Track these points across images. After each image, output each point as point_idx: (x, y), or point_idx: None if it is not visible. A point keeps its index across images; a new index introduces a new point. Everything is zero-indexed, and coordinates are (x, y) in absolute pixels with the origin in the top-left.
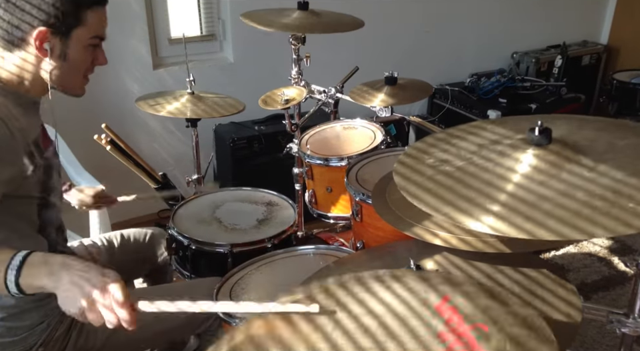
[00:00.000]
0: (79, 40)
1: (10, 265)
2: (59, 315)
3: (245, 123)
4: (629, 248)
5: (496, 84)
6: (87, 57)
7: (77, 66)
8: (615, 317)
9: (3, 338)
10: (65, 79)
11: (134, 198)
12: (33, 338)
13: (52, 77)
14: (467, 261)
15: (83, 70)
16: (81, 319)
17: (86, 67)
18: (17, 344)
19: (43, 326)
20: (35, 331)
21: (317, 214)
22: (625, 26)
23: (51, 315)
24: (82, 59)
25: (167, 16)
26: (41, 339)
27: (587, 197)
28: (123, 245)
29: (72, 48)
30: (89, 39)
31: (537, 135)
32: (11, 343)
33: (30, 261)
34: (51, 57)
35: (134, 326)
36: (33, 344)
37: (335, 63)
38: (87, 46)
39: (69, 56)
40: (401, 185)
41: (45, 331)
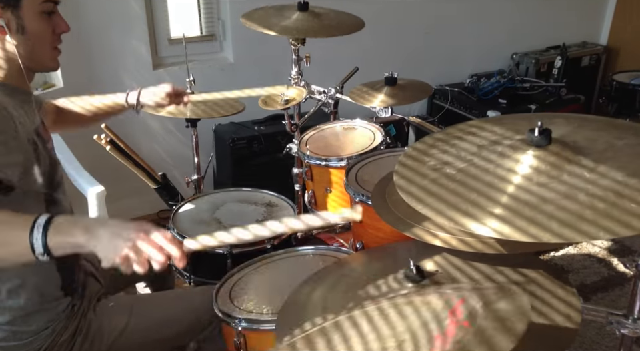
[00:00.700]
0: (31, 8)
1: (35, 224)
2: (64, 320)
3: (245, 124)
4: (628, 249)
5: (495, 85)
6: (44, 25)
7: (39, 37)
8: (614, 318)
9: (8, 342)
10: (33, 54)
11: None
12: (37, 343)
13: (21, 56)
14: (466, 262)
15: (47, 41)
16: (125, 268)
17: (49, 37)
18: (21, 348)
19: (48, 331)
20: (39, 336)
21: None
22: (625, 27)
23: (56, 320)
24: (40, 28)
25: (167, 16)
26: (45, 344)
27: (588, 198)
28: None
29: (27, 19)
30: (40, 4)
31: (537, 136)
32: (16, 347)
33: (56, 221)
34: (10, 34)
35: (184, 262)
36: (38, 349)
37: (335, 64)
38: (41, 13)
39: (26, 28)
40: (403, 188)
41: (50, 336)
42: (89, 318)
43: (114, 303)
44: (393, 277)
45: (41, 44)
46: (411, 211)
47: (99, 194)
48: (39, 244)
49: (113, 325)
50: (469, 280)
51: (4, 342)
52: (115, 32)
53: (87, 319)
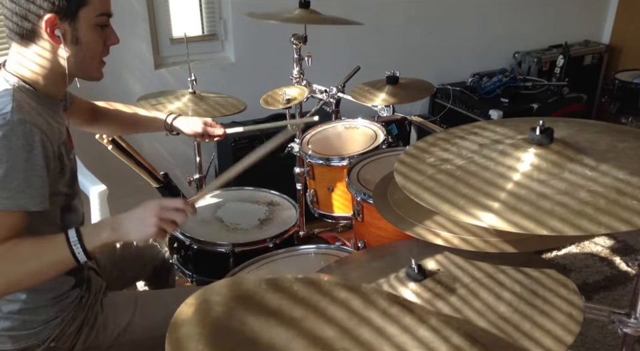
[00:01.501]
0: (87, 20)
1: (70, 241)
2: (73, 311)
3: (247, 123)
4: (630, 248)
5: (498, 84)
6: (97, 37)
7: (91, 49)
8: (616, 317)
9: (18, 331)
10: (82, 64)
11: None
12: (46, 332)
13: (70, 65)
14: (468, 261)
15: (98, 52)
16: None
17: (100, 48)
18: (30, 337)
19: (57, 321)
20: (49, 325)
21: (319, 214)
22: (627, 26)
23: (65, 311)
24: (94, 40)
25: (169, 16)
26: (54, 334)
27: (590, 195)
28: (124, 247)
29: (82, 30)
30: (96, 17)
31: (539, 135)
32: (26, 336)
33: (84, 232)
34: (64, 44)
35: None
36: (46, 338)
37: (337, 63)
38: (95, 26)
39: (81, 39)
40: (402, 183)
41: (59, 326)
42: (95, 311)
43: (120, 297)
44: (394, 276)
45: (92, 55)
46: (412, 210)
47: (101, 193)
48: (82, 255)
49: (117, 320)
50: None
51: (14, 331)
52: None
53: (94, 311)
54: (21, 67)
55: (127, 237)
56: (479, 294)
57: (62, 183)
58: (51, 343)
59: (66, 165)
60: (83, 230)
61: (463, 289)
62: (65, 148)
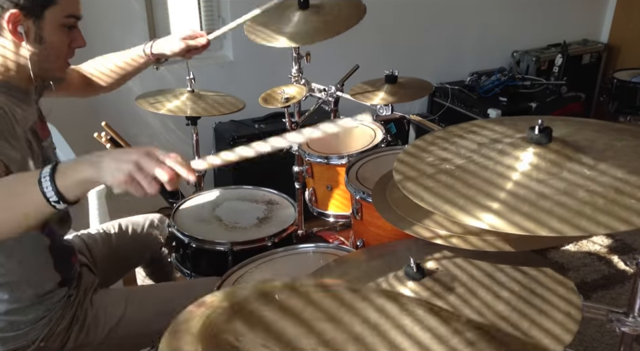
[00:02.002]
0: (53, 20)
1: (41, 175)
2: (60, 310)
3: (245, 121)
4: (628, 247)
5: (496, 83)
6: (63, 38)
7: (54, 48)
8: (614, 316)
9: (5, 333)
10: (45, 63)
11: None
12: (34, 333)
13: (32, 63)
14: (467, 260)
15: (62, 53)
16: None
17: (65, 50)
18: (19, 339)
19: (45, 321)
20: (36, 325)
21: (317, 212)
22: (626, 25)
23: (52, 310)
24: (59, 40)
25: (167, 14)
26: (42, 334)
27: (588, 195)
28: (120, 233)
29: (46, 30)
30: (63, 18)
31: (537, 134)
32: (13, 337)
33: (61, 167)
34: (27, 41)
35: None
36: (35, 339)
37: (335, 62)
38: (61, 26)
39: (44, 39)
40: (401, 183)
41: (47, 326)
42: (85, 308)
43: (110, 293)
44: (393, 275)
45: (55, 55)
46: (411, 209)
47: (98, 192)
48: (51, 192)
49: (108, 316)
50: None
51: (1, 333)
52: (116, 30)
53: (83, 309)
54: None
55: (99, 176)
56: (478, 293)
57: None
58: (40, 343)
59: (35, 151)
60: (61, 165)
61: (461, 288)
62: (32, 135)
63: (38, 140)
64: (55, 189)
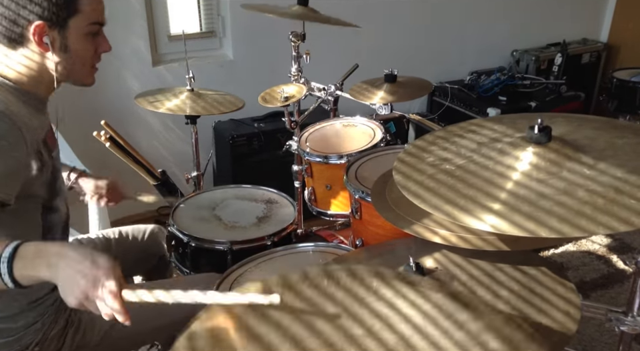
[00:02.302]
0: (77, 29)
1: (1, 257)
2: (53, 314)
3: (245, 121)
4: (627, 246)
5: (496, 82)
6: (88, 45)
7: (80, 56)
8: (613, 315)
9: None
10: (72, 71)
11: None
12: (28, 338)
13: (58, 71)
14: (466, 259)
15: (88, 60)
16: (83, 309)
17: (90, 56)
18: (11, 345)
19: (38, 326)
20: (29, 331)
21: (317, 212)
22: (625, 24)
23: (45, 314)
24: (84, 48)
25: (167, 12)
26: (36, 339)
27: (588, 195)
28: (120, 242)
29: (71, 39)
30: (87, 26)
31: (537, 133)
32: (5, 344)
33: (22, 253)
34: (52, 51)
35: (126, 319)
36: (29, 344)
37: (335, 61)
38: (86, 34)
39: (70, 47)
40: (401, 183)
41: (40, 330)
42: (79, 311)
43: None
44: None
45: (82, 62)
46: (410, 209)
47: None
48: (7, 278)
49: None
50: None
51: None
52: (115, 28)
53: (78, 312)
54: (6, 68)
55: (55, 281)
56: (477, 292)
57: (41, 181)
58: (34, 347)
59: (46, 163)
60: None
61: (460, 287)
62: (44, 146)
63: (48, 151)
64: (11, 277)
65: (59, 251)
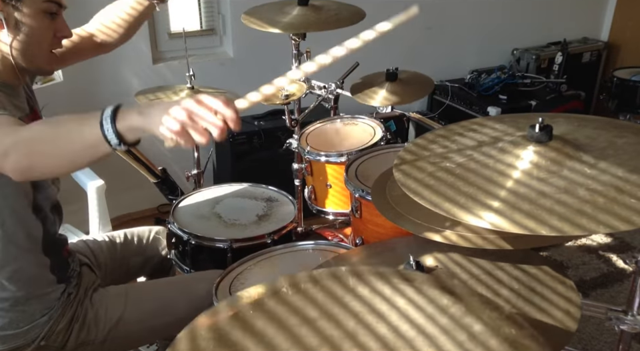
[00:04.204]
0: (32, 5)
1: (103, 117)
2: (60, 308)
3: (245, 119)
4: (627, 245)
5: (496, 81)
6: (44, 25)
7: (36, 36)
8: (613, 314)
9: (5, 331)
10: (28, 52)
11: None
12: (35, 331)
13: (14, 52)
14: (466, 258)
15: (45, 42)
16: (185, 142)
17: (48, 38)
18: (19, 337)
19: (45, 319)
20: (37, 324)
21: (317, 210)
22: (626, 23)
23: (52, 308)
24: (39, 27)
25: (167, 10)
26: (42, 333)
27: (588, 193)
28: (125, 244)
29: (26, 16)
30: (43, 3)
31: (538, 132)
32: (13, 336)
33: (120, 111)
34: (7, 28)
35: (239, 125)
36: (35, 338)
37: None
38: (43, 12)
39: (25, 24)
40: (401, 181)
41: (47, 324)
42: (85, 307)
43: (110, 292)
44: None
45: (38, 43)
46: (411, 207)
47: (98, 188)
48: (112, 134)
49: (109, 314)
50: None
51: (1, 331)
52: None
53: (84, 307)
54: None
55: (149, 126)
56: (477, 291)
57: None
58: (40, 341)
59: None
60: (121, 109)
61: (460, 285)
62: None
63: None
64: (116, 132)
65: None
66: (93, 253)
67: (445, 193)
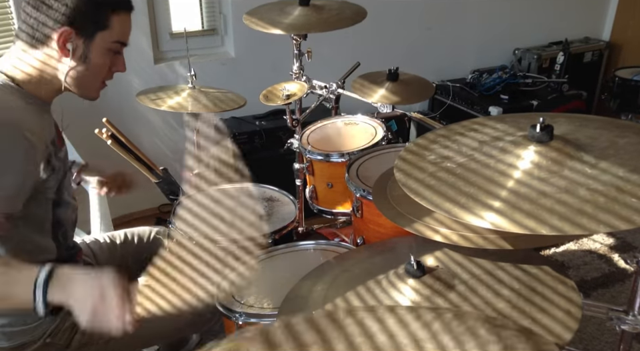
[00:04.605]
0: (102, 43)
1: (36, 285)
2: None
3: (246, 118)
4: (629, 245)
5: (497, 80)
6: (106, 61)
7: (95, 69)
8: (614, 314)
9: (12, 327)
10: (83, 81)
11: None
12: (41, 328)
13: (68, 78)
14: (467, 258)
15: (101, 74)
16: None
17: (105, 71)
18: (25, 334)
19: (52, 317)
20: (44, 321)
21: (318, 210)
22: (627, 23)
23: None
24: (102, 62)
25: (168, 10)
26: (49, 330)
27: (589, 193)
28: (125, 244)
29: (94, 51)
30: (111, 43)
31: (539, 132)
32: (20, 332)
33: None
34: (72, 58)
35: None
36: (42, 335)
37: (337, 59)
38: (108, 50)
39: (89, 59)
40: (402, 181)
41: (53, 321)
42: None
43: None
44: (393, 273)
45: (94, 75)
46: (411, 207)
47: None
48: (41, 305)
49: None
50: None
51: (8, 328)
52: None
53: None
54: (15, 69)
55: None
56: (478, 291)
57: (51, 179)
58: (46, 339)
59: (55, 164)
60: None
61: (461, 285)
62: (54, 146)
63: (57, 150)
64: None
65: (68, 276)
66: (94, 253)
67: (446, 193)
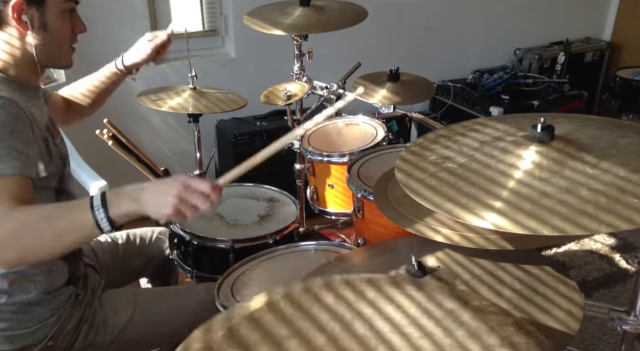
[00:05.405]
0: (55, 6)
1: (94, 206)
2: (69, 309)
3: (247, 119)
4: (630, 245)
5: (498, 81)
6: (66, 24)
7: (59, 35)
8: (616, 314)
9: (14, 331)
10: (52, 51)
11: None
12: (43, 331)
13: (38, 53)
14: (468, 258)
15: (66, 39)
16: (178, 219)
17: (68, 35)
18: (27, 337)
19: (53, 319)
20: (45, 324)
21: (319, 210)
22: (629, 23)
23: (60, 309)
24: (62, 27)
25: (169, 11)
26: (51, 333)
27: (590, 193)
28: (128, 245)
29: (50, 16)
30: (63, 3)
31: (540, 132)
32: (21, 335)
33: (109, 198)
34: (32, 30)
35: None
36: (43, 338)
37: (337, 59)
38: (63, 11)
39: (48, 26)
40: (403, 181)
41: (55, 324)
42: (94, 308)
43: (119, 294)
44: (394, 273)
45: (61, 42)
46: (412, 207)
47: (101, 189)
48: (105, 223)
49: (118, 317)
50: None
51: (9, 331)
52: (117, 26)
53: (92, 308)
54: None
55: (144, 211)
56: (479, 291)
57: (51, 166)
58: (48, 342)
59: (52, 149)
60: (108, 196)
61: (462, 286)
62: (49, 133)
63: (53, 136)
64: (109, 220)
65: (136, 188)
66: (96, 254)
67: (447, 193)
